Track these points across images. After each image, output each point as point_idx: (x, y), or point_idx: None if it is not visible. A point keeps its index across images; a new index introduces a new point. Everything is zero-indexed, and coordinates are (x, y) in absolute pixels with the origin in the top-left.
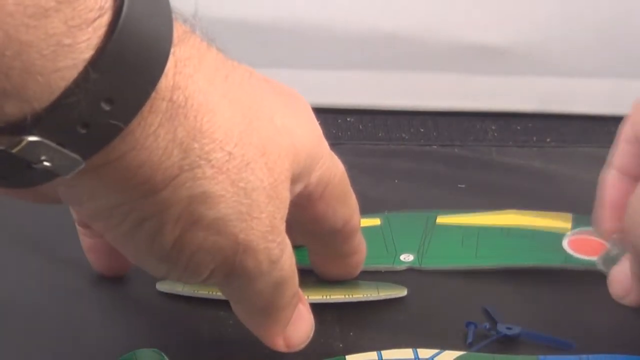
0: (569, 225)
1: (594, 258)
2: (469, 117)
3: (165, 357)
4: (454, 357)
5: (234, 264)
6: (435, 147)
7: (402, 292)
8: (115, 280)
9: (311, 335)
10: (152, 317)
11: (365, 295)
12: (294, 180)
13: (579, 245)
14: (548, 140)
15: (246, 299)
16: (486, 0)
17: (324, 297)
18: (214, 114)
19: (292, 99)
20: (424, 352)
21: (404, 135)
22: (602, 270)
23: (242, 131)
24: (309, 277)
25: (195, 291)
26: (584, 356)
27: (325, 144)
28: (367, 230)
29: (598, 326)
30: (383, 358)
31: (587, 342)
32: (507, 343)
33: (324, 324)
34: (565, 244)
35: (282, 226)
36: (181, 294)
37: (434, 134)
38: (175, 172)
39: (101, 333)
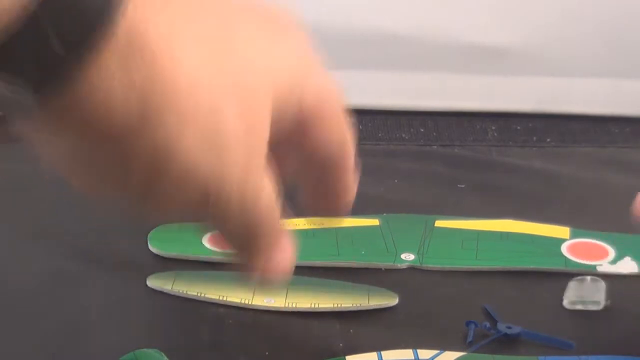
0: (566, 236)
1: (593, 262)
2: (469, 117)
3: (165, 357)
4: (454, 357)
5: (205, 213)
6: (435, 147)
7: (393, 301)
8: (115, 280)
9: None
10: (152, 317)
11: (354, 305)
12: (283, 112)
13: (577, 250)
14: (548, 140)
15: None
16: (486, 0)
17: (312, 305)
18: (178, 61)
19: (274, 25)
20: (424, 353)
21: (404, 135)
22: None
23: (211, 76)
24: (298, 283)
25: (185, 291)
26: (583, 357)
27: (315, 64)
28: (367, 229)
29: (598, 326)
30: (383, 359)
31: (587, 342)
32: (507, 343)
33: (324, 321)
34: (563, 248)
35: (259, 171)
36: (170, 293)
37: (434, 134)
38: (135, 120)
39: (101, 333)
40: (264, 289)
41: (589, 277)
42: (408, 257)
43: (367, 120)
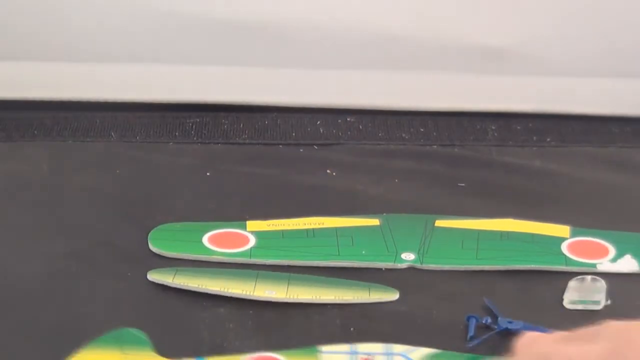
0: (566, 235)
1: (593, 261)
2: (469, 117)
3: (147, 338)
4: (427, 352)
5: None
6: (435, 147)
7: (394, 296)
8: (115, 280)
9: None
10: (151, 317)
11: (355, 298)
12: None
13: (577, 249)
14: (548, 140)
15: None
16: (486, 1)
17: (314, 297)
18: None
19: None
20: (397, 347)
21: (404, 135)
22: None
23: None
24: (299, 279)
25: (185, 284)
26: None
27: None
28: (367, 229)
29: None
30: (357, 350)
31: None
32: (509, 337)
33: (325, 315)
34: (564, 247)
35: None
36: (171, 285)
37: (434, 134)
38: None
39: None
40: (265, 282)
41: (589, 277)
42: (408, 256)
43: (367, 120)
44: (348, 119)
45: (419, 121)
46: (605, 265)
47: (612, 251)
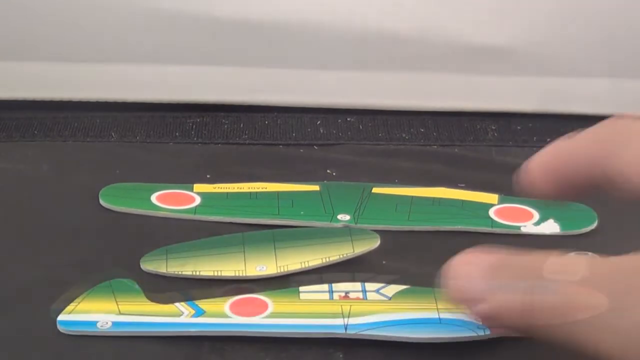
0: (495, 201)
1: (517, 224)
2: (469, 117)
3: (139, 287)
4: (398, 289)
5: None
6: (435, 147)
7: (375, 242)
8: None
9: None
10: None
11: (341, 256)
12: None
13: (503, 213)
14: (548, 140)
15: None
16: (486, 0)
17: (302, 265)
18: None
19: None
20: (370, 286)
21: (404, 135)
22: None
23: None
24: (283, 239)
25: (180, 272)
26: None
27: None
28: (307, 194)
29: None
30: (333, 289)
31: None
32: None
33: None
34: (491, 212)
35: None
36: (165, 274)
37: (434, 134)
38: None
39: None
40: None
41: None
42: (344, 217)
43: (367, 120)
44: (348, 119)
45: (419, 121)
46: (529, 227)
47: (536, 216)
